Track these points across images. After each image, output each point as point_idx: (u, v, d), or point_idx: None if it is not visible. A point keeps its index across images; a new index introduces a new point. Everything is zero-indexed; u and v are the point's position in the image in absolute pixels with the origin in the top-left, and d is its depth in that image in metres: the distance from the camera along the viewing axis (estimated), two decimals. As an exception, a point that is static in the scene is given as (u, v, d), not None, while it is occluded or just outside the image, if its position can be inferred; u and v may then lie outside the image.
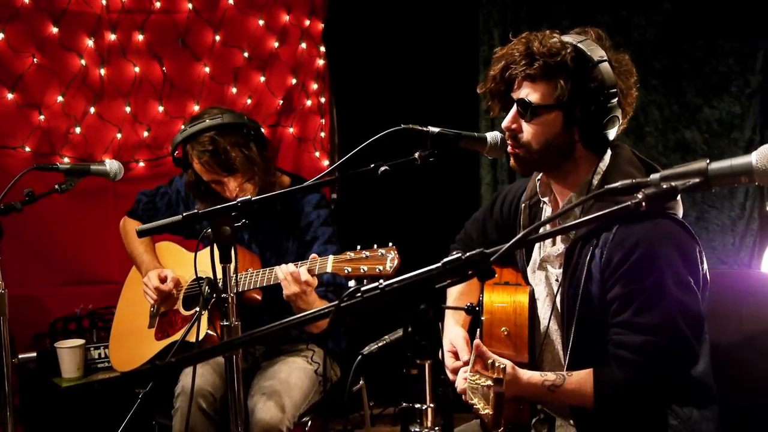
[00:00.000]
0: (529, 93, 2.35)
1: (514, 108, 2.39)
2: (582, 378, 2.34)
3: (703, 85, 4.68)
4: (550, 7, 4.79)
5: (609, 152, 2.43)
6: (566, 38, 2.37)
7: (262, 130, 3.45)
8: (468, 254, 1.57)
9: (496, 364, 2.20)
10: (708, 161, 1.55)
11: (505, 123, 2.42)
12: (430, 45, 4.96)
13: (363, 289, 1.56)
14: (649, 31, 4.69)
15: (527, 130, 2.38)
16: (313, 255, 3.07)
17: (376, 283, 1.58)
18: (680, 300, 2.25)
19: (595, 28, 2.44)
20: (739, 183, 1.55)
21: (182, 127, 3.39)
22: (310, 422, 3.47)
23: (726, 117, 4.65)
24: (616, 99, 2.32)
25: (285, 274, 3.07)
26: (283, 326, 1.63)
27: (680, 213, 2.34)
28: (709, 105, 4.68)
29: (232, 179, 3.32)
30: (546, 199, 2.53)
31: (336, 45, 5.08)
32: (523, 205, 2.62)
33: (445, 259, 1.57)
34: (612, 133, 2.38)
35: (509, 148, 2.44)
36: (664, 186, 1.55)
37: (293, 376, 3.40)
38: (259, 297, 3.31)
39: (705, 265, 2.35)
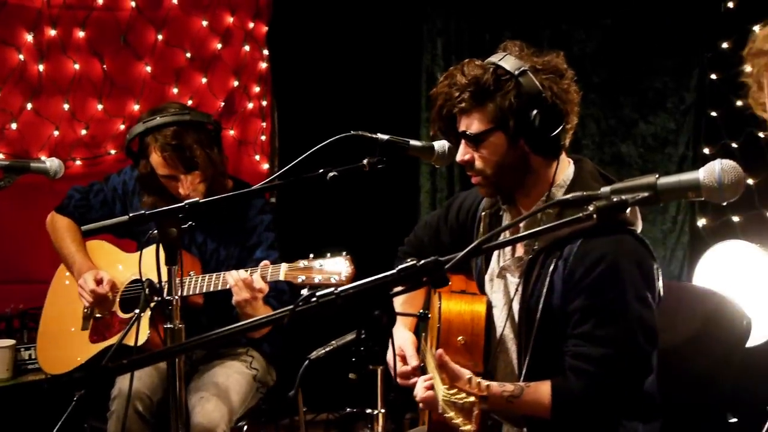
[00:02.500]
0: (467, 124, 2.42)
1: (462, 141, 2.46)
2: (539, 389, 2.37)
3: (639, 100, 4.79)
4: (492, 19, 4.85)
5: (572, 166, 2.48)
6: (488, 60, 2.43)
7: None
8: (422, 262, 1.59)
9: (478, 381, 2.23)
10: (657, 176, 1.60)
11: (458, 158, 2.48)
12: (374, 52, 4.98)
13: (318, 294, 1.57)
14: (589, 46, 4.79)
15: (478, 159, 2.44)
16: (265, 262, 3.07)
17: (332, 289, 1.59)
18: (640, 314, 2.32)
19: (516, 41, 2.49)
20: (686, 197, 1.61)
21: (142, 117, 3.35)
22: (246, 426, 3.46)
23: (661, 132, 4.77)
24: (549, 101, 2.37)
25: (236, 280, 3.06)
26: (233, 331, 1.63)
27: (639, 227, 2.41)
28: (644, 120, 4.79)
29: (189, 177, 3.30)
30: (505, 207, 2.58)
31: (279, 48, 5.07)
32: (483, 213, 2.65)
33: (400, 266, 1.59)
34: (562, 136, 2.42)
35: (473, 180, 2.50)
36: (615, 199, 1.59)
37: (231, 380, 3.38)
38: (200, 301, 3.29)
39: (660, 282, 2.43)
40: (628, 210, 1.61)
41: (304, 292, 1.61)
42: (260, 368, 3.50)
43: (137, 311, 2.53)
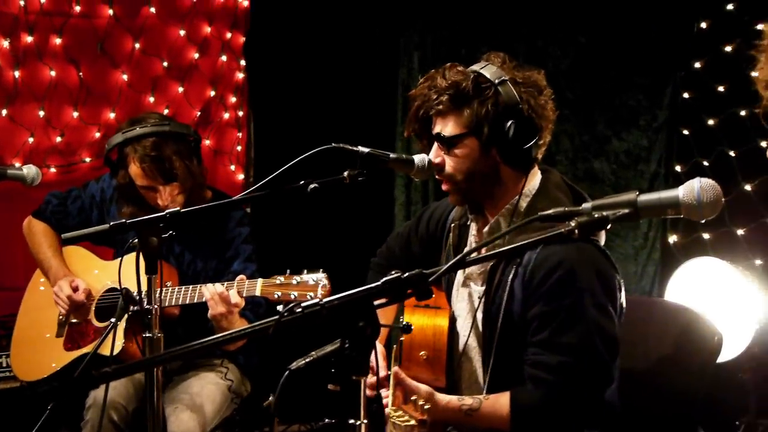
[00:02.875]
0: (442, 127, 2.45)
1: (435, 144, 2.48)
2: (498, 400, 2.38)
3: (613, 117, 4.85)
4: (469, 33, 4.89)
5: (539, 176, 2.51)
6: (471, 67, 2.46)
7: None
8: (407, 274, 1.60)
9: (420, 402, 2.24)
10: (637, 193, 1.63)
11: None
12: (351, 65, 5.01)
13: (304, 305, 1.58)
14: (564, 62, 4.84)
15: (449, 163, 2.46)
16: (242, 276, 3.07)
17: (316, 300, 1.60)
18: (598, 322, 2.32)
19: (499, 52, 2.52)
20: (665, 215, 1.64)
21: (121, 127, 3.34)
22: (220, 437, 3.45)
23: (633, 149, 4.82)
24: (525, 114, 2.40)
25: (213, 294, 3.06)
26: (213, 342, 1.63)
27: (602, 240, 2.43)
28: (618, 137, 4.85)
29: (168, 188, 3.29)
30: (474, 217, 2.60)
31: (257, 59, 5.07)
32: (452, 225, 2.67)
33: (385, 278, 1.60)
34: (533, 150, 2.45)
35: (442, 186, 2.52)
36: (596, 215, 1.62)
37: (206, 391, 3.37)
38: (177, 312, 3.28)
39: (623, 294, 2.44)
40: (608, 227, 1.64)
41: (280, 308, 1.62)
42: (235, 379, 3.50)
43: (113, 320, 2.52)
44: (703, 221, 1.67)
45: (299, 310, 1.60)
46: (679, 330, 2.81)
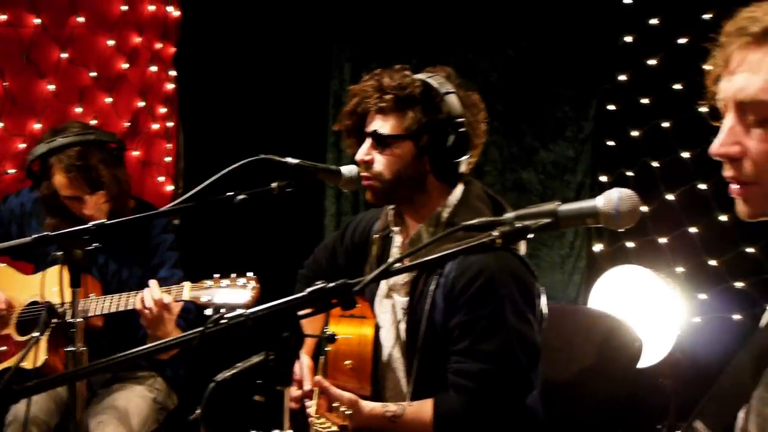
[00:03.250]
0: (381, 125, 2.47)
1: (368, 140, 2.49)
2: (421, 407, 2.41)
3: (540, 128, 4.92)
4: (400, 46, 4.93)
5: (461, 187, 2.54)
6: (417, 75, 2.49)
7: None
8: (332, 284, 1.61)
9: (342, 408, 2.26)
10: (558, 203, 1.67)
11: (358, 155, 2.52)
12: (282, 76, 5.01)
13: (228, 315, 1.58)
14: (493, 75, 4.90)
15: (380, 161, 2.48)
16: (163, 283, 3.05)
17: (241, 311, 1.60)
18: (518, 330, 2.37)
19: (446, 67, 2.57)
20: (585, 224, 1.68)
21: (43, 138, 3.29)
22: (146, 450, 3.41)
23: (560, 160, 4.90)
24: (464, 130, 2.44)
25: (144, 300, 3.02)
26: (135, 355, 1.62)
27: (523, 250, 2.48)
28: (545, 148, 4.92)
29: (93, 197, 3.25)
30: (397, 229, 2.62)
31: (187, 70, 5.04)
32: (375, 236, 2.69)
33: (310, 288, 1.61)
34: (463, 165, 2.49)
35: (364, 181, 2.53)
36: (518, 225, 1.65)
37: (131, 404, 3.34)
38: (100, 323, 3.24)
39: (543, 301, 2.49)
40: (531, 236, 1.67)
41: (209, 312, 1.62)
42: (161, 392, 3.47)
43: (35, 334, 2.48)
44: (621, 230, 1.72)
45: (224, 321, 1.60)
46: (601, 336, 2.87)
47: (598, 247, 4.75)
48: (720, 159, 1.48)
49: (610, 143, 4.73)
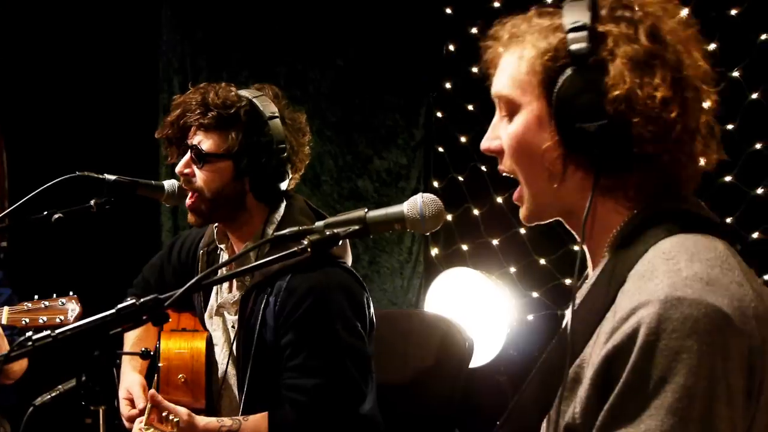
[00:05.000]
0: (201, 140, 2.44)
1: (188, 154, 2.47)
2: (258, 421, 2.41)
3: (373, 137, 4.99)
4: (229, 58, 4.90)
5: (284, 203, 2.56)
6: (244, 92, 2.48)
7: None
8: (142, 300, 1.59)
9: (170, 417, 2.23)
10: (366, 210, 1.70)
11: (178, 168, 2.49)
12: (110, 91, 4.87)
13: (34, 337, 1.53)
14: (324, 85, 4.93)
15: (199, 176, 2.46)
16: None
17: (48, 331, 1.56)
18: (349, 344, 2.41)
19: (273, 86, 2.57)
20: (393, 229, 1.72)
21: None
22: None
23: (394, 167, 4.98)
24: (286, 154, 2.45)
25: None
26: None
27: (349, 261, 2.51)
28: (378, 156, 4.99)
29: None
30: (223, 246, 2.61)
31: (6, 86, 4.84)
32: (201, 252, 2.67)
33: (119, 305, 1.59)
34: (283, 186, 2.51)
35: (187, 200, 2.51)
36: (328, 233, 1.67)
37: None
38: None
39: (372, 310, 2.54)
40: (340, 243, 1.70)
41: (29, 334, 1.57)
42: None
43: None
44: (427, 234, 1.77)
45: (30, 343, 1.55)
46: (433, 338, 2.94)
47: (434, 251, 4.85)
48: (488, 154, 1.56)
49: (441, 149, 4.84)
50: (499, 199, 4.49)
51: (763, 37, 3.64)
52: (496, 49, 1.53)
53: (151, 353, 2.39)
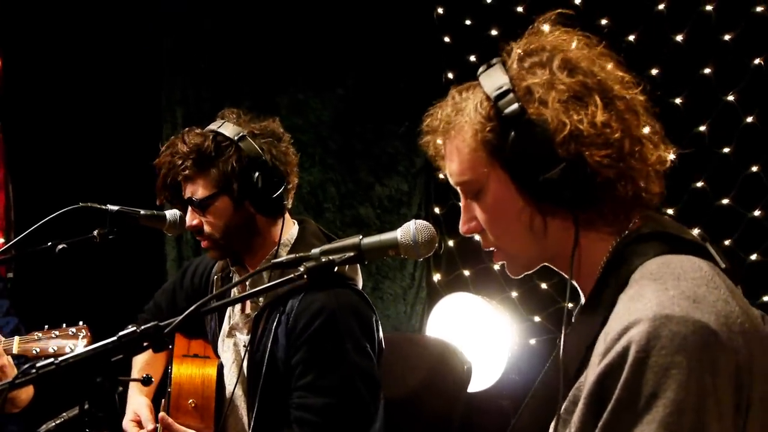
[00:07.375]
0: (193, 191, 2.51)
1: (190, 208, 2.53)
2: None
3: (374, 164, 5.03)
4: (232, 88, 4.95)
5: (296, 227, 2.60)
6: (208, 127, 2.54)
7: None
8: (143, 327, 1.63)
9: None
10: (361, 237, 1.74)
11: (186, 225, 2.56)
12: (113, 123, 4.93)
13: (38, 365, 1.57)
14: (325, 114, 4.98)
15: (206, 224, 2.53)
16: None
17: (51, 359, 1.59)
18: (359, 365, 2.44)
19: (233, 108, 2.62)
20: (388, 255, 1.76)
21: None
22: None
23: (395, 194, 5.02)
24: (269, 164, 2.49)
25: None
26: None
27: (360, 283, 2.55)
28: (380, 183, 5.03)
29: None
30: (235, 269, 2.65)
31: (13, 119, 4.90)
32: (215, 277, 2.72)
33: (120, 333, 1.63)
34: (284, 196, 2.55)
35: (202, 244, 2.56)
36: (323, 260, 1.71)
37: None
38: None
39: (380, 333, 2.58)
40: (347, 267, 1.74)
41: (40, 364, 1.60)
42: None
43: None
44: (421, 259, 1.81)
45: (33, 371, 1.58)
46: (433, 362, 2.98)
47: (437, 277, 4.88)
48: (469, 235, 1.64)
49: (441, 176, 4.86)
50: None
51: (757, 61, 3.69)
52: (435, 141, 1.61)
53: (152, 379, 2.42)
